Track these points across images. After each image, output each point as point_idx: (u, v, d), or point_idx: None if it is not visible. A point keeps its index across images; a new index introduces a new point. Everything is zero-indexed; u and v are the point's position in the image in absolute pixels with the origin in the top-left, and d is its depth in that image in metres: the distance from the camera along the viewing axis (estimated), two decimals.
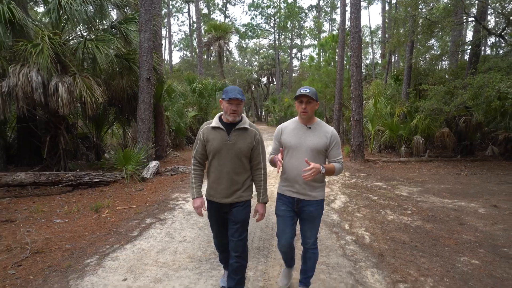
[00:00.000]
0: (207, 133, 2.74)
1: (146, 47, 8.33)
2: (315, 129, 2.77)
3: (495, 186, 8.27)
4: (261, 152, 2.83)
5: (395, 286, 3.19)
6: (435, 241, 4.50)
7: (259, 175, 2.83)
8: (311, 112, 2.74)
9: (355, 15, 10.99)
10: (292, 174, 2.75)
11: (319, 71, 22.01)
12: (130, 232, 4.60)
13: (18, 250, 3.98)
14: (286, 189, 2.81)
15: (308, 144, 2.72)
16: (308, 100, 2.69)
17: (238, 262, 2.74)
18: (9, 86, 7.29)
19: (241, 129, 2.72)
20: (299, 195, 2.75)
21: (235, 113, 2.65)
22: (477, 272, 3.55)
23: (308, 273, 2.93)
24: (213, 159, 2.74)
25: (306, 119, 2.78)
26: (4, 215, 5.68)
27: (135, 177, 7.77)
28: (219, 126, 2.70)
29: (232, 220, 2.75)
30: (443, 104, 10.95)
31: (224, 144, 2.67)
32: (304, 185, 2.73)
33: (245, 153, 2.74)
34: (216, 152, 2.69)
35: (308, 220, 2.80)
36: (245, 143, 2.72)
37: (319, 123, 2.83)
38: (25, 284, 3.19)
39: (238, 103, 2.64)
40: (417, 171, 10.43)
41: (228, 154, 2.68)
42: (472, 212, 6.03)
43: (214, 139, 2.69)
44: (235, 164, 2.71)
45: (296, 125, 2.82)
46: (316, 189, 2.78)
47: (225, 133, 2.69)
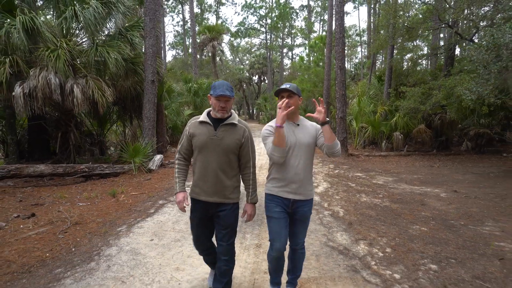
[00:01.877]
0: (194, 127, 2.66)
1: (151, 52, 9.28)
2: (303, 125, 2.73)
3: (461, 176, 9.36)
4: (251, 150, 2.73)
5: (357, 242, 4.24)
6: (397, 216, 5.54)
7: (248, 174, 2.76)
8: (295, 106, 2.64)
9: (339, 22, 12.05)
10: (289, 174, 2.64)
11: (309, 71, 23.10)
12: (147, 210, 5.58)
13: (60, 223, 4.93)
14: (281, 190, 2.69)
15: (303, 141, 2.66)
16: (289, 95, 2.61)
17: (226, 266, 2.73)
18: (30, 88, 8.17)
19: (229, 124, 2.63)
20: (296, 195, 2.67)
21: (223, 110, 2.58)
22: (423, 235, 4.60)
23: (297, 273, 2.91)
24: (199, 154, 2.65)
25: (292, 115, 2.67)
26: (33, 200, 6.59)
27: (142, 168, 8.72)
28: (207, 120, 2.62)
29: (221, 224, 2.69)
30: (419, 103, 12.07)
31: (210, 139, 2.59)
32: (299, 183, 2.66)
33: (233, 150, 2.64)
34: (202, 147, 2.61)
35: (301, 220, 2.74)
36: (233, 139, 2.63)
37: (302, 119, 2.80)
38: (75, 243, 4.15)
39: (227, 100, 2.56)
40: (395, 164, 11.53)
41: (215, 150, 2.60)
42: (434, 196, 7.10)
43: (201, 134, 2.61)
44: (222, 161, 2.62)
45: (286, 123, 2.69)
46: (309, 187, 2.74)
47: (212, 128, 2.60)
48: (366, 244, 4.19)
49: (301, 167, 2.65)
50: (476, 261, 3.75)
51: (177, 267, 3.48)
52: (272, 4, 42.88)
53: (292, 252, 2.87)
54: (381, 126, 13.99)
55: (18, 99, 8.03)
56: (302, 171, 2.66)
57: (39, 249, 3.94)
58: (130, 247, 3.96)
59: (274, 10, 42.18)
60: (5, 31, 8.00)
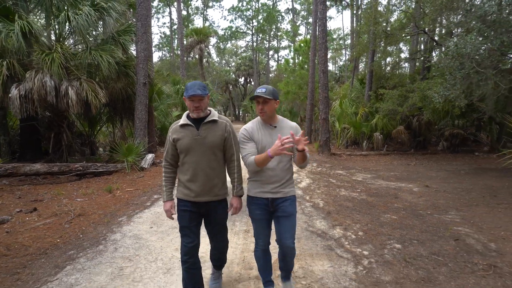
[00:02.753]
0: (176, 132, 2.69)
1: (143, 56, 9.72)
2: (280, 127, 2.75)
3: (434, 173, 10.07)
4: (234, 143, 2.78)
5: (333, 227, 4.82)
6: (372, 207, 6.14)
7: (233, 167, 2.80)
8: (270, 111, 2.69)
9: (322, 28, 12.69)
10: (265, 175, 2.70)
11: (294, 73, 23.76)
12: (144, 203, 6.05)
13: (64, 215, 5.36)
14: (259, 191, 2.74)
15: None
16: (264, 100, 2.64)
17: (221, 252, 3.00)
18: (26, 90, 8.50)
19: (210, 122, 2.68)
20: (274, 195, 2.71)
21: (198, 109, 2.60)
22: (392, 222, 5.20)
23: (288, 267, 2.91)
24: (186, 156, 2.67)
25: (268, 118, 2.74)
26: (31, 197, 6.94)
27: (135, 167, 9.14)
28: (187, 123, 2.66)
29: (213, 222, 2.79)
30: (397, 105, 12.80)
31: (194, 140, 2.63)
32: (277, 183, 2.71)
33: (218, 146, 2.70)
34: (188, 149, 2.64)
35: (284, 217, 2.72)
36: (216, 135, 2.68)
37: (282, 120, 2.83)
38: (81, 231, 4.60)
39: (200, 99, 2.58)
40: (374, 162, 12.21)
41: (201, 149, 2.64)
42: (407, 190, 7.74)
43: (184, 137, 2.64)
44: (210, 159, 2.66)
45: (262, 125, 2.77)
46: (288, 186, 2.77)
47: (194, 129, 2.64)
48: (341, 229, 4.76)
49: (279, 169, 2.69)
50: (435, 241, 4.35)
51: (176, 248, 3.97)
52: (259, 7, 43.60)
53: (281, 252, 2.82)
54: (362, 127, 14.70)
55: (15, 101, 8.35)
56: (279, 172, 2.70)
57: (49, 236, 4.37)
58: (133, 233, 4.44)
59: (261, 12, 42.91)
60: (4, 36, 8.31)
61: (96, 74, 10.49)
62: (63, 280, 3.19)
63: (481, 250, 4.08)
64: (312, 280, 3.27)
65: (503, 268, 3.59)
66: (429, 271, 3.52)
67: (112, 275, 3.29)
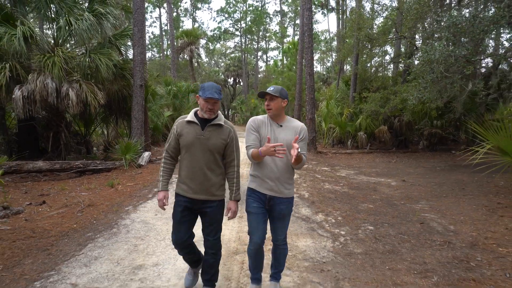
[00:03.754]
0: (181, 127, 2.75)
1: (139, 59, 10.26)
2: (286, 127, 2.81)
3: (412, 169, 10.85)
4: (235, 149, 2.85)
5: (316, 213, 5.50)
6: (352, 198, 6.84)
7: (232, 172, 2.85)
8: (276, 109, 2.75)
9: (308, 33, 13.40)
10: (266, 171, 2.76)
11: (282, 75, 24.49)
12: (146, 195, 6.63)
13: (74, 206, 5.91)
14: (258, 185, 2.80)
15: (280, 141, 2.72)
16: (271, 97, 2.73)
17: (213, 258, 2.88)
18: (28, 91, 8.97)
19: (215, 125, 2.74)
20: (271, 192, 2.76)
21: (211, 112, 2.68)
22: (368, 210, 5.89)
23: (279, 267, 2.99)
24: (186, 153, 2.74)
25: (275, 116, 2.81)
26: (37, 192, 7.44)
27: (133, 164, 9.67)
28: (194, 120, 2.72)
29: (207, 221, 2.81)
30: (379, 107, 13.60)
31: (197, 139, 2.68)
32: (276, 181, 2.75)
33: (219, 149, 2.75)
34: (189, 146, 2.70)
35: (278, 218, 2.83)
36: (219, 139, 2.73)
37: (289, 120, 2.89)
38: (94, 218, 5.17)
39: (215, 102, 2.66)
40: (358, 160, 12.98)
41: (201, 149, 2.69)
42: (386, 184, 8.47)
43: (188, 133, 2.70)
44: (209, 160, 2.72)
45: (269, 122, 2.83)
46: (287, 186, 2.81)
47: (199, 128, 2.70)
48: (323, 215, 5.44)
49: (279, 166, 2.74)
50: (403, 224, 5.06)
51: None
52: (246, 8, 44.22)
53: (274, 247, 2.96)
54: (347, 126, 15.48)
55: (18, 101, 8.81)
56: (279, 170, 2.75)
57: (66, 222, 4.94)
58: (140, 219, 5.04)
59: (249, 14, 43.56)
60: (6, 40, 8.77)
61: (92, 76, 10.98)
62: (88, 254, 3.77)
63: (441, 231, 4.79)
64: (296, 252, 3.93)
65: (456, 243, 4.30)
66: (394, 246, 4.21)
67: (128, 250, 3.89)
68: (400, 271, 3.52)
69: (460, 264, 3.71)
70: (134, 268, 3.44)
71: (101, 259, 3.65)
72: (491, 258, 3.85)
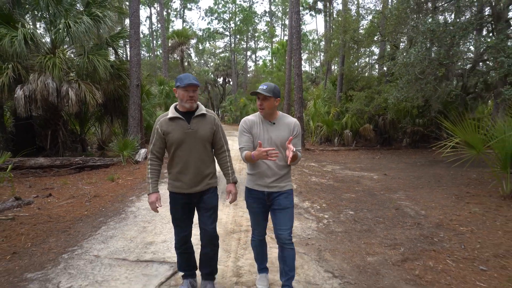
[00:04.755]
0: (165, 125, 2.70)
1: (135, 60, 10.75)
2: (278, 124, 2.81)
3: (394, 165, 11.54)
4: (222, 135, 2.88)
5: (303, 201, 6.12)
6: (336, 189, 7.46)
7: (224, 157, 2.87)
8: (268, 108, 2.74)
9: (297, 35, 14.03)
10: (261, 169, 2.77)
11: (272, 75, 25.11)
12: (146, 187, 7.14)
13: (81, 196, 6.40)
14: (256, 184, 2.81)
15: (274, 139, 2.74)
16: (263, 97, 2.70)
17: (213, 250, 2.88)
18: (29, 91, 9.38)
19: (200, 115, 2.73)
20: (269, 189, 2.77)
21: (192, 100, 2.64)
22: (350, 198, 6.52)
23: (290, 273, 2.84)
24: (177, 150, 2.70)
25: (267, 114, 2.79)
26: (41, 186, 7.87)
27: (130, 160, 10.16)
28: (177, 116, 2.69)
29: (204, 207, 2.80)
30: (364, 106, 14.31)
31: (186, 133, 2.67)
32: (273, 177, 2.77)
33: (208, 139, 2.77)
34: (180, 142, 2.68)
35: (280, 209, 2.79)
36: (206, 128, 2.74)
37: (281, 116, 2.87)
38: (102, 206, 5.68)
39: (194, 89, 2.63)
40: (344, 156, 13.65)
41: (192, 143, 2.69)
42: (368, 177, 9.12)
43: (175, 130, 2.66)
44: (200, 151, 2.73)
45: (261, 120, 2.83)
46: (284, 180, 2.82)
47: (185, 122, 2.68)
48: (309, 202, 6.06)
49: (274, 164, 2.75)
50: (380, 210, 5.70)
51: None
52: (235, 9, 44.73)
53: (280, 250, 2.84)
54: (334, 125, 16.18)
55: (20, 100, 9.21)
56: (275, 166, 2.76)
57: (77, 210, 5.45)
58: (145, 207, 5.57)
59: (238, 14, 44.07)
60: (7, 41, 9.16)
61: (89, 76, 11.39)
62: (103, 234, 4.31)
63: (413, 215, 5.44)
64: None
65: (424, 224, 4.94)
66: (370, 226, 4.84)
67: (138, 231, 4.44)
68: (373, 244, 4.14)
69: (425, 239, 4.35)
70: (146, 244, 3.99)
71: (116, 237, 4.19)
72: (451, 235, 4.49)
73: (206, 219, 2.80)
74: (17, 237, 4.17)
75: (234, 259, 3.67)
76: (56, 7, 10.47)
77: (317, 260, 3.66)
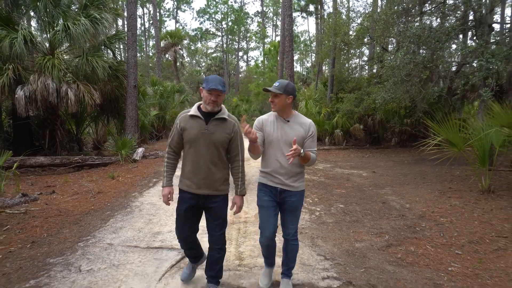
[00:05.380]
0: (185, 121, 2.73)
1: (133, 62, 11.06)
2: (293, 122, 2.83)
3: (383, 163, 12.02)
4: (240, 144, 2.83)
5: None
6: (327, 185, 7.88)
7: (237, 167, 2.84)
8: (280, 105, 2.78)
9: (289, 38, 14.46)
10: (275, 166, 2.80)
11: (264, 75, 25.53)
12: (147, 184, 7.49)
13: (84, 193, 6.71)
14: (269, 180, 2.85)
15: (288, 136, 2.77)
16: (274, 94, 2.76)
17: (219, 254, 2.88)
18: (30, 91, 9.62)
19: (219, 119, 2.72)
20: (284, 186, 2.80)
21: (214, 103, 2.65)
22: (341, 193, 6.94)
23: (290, 264, 3.01)
24: (190, 147, 2.72)
25: (281, 112, 2.83)
26: (42, 184, 8.12)
27: (128, 159, 10.45)
28: (198, 114, 2.71)
29: (212, 216, 2.80)
30: (354, 106, 14.79)
31: (201, 133, 2.67)
32: (286, 175, 2.80)
33: (223, 144, 2.74)
34: (193, 140, 2.69)
35: (289, 210, 2.87)
36: (223, 133, 2.72)
37: (296, 115, 2.91)
38: (106, 202, 6.01)
39: (218, 94, 2.64)
40: (335, 155, 14.11)
41: (206, 144, 2.68)
42: (358, 175, 9.56)
43: (192, 128, 2.69)
44: (213, 154, 2.71)
45: (275, 118, 2.87)
46: (297, 180, 2.86)
47: (203, 122, 2.68)
48: None
49: (287, 162, 2.73)
50: (368, 204, 6.12)
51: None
52: (227, 10, 45.11)
53: (285, 243, 3.00)
54: (325, 124, 16.64)
55: (20, 100, 9.45)
56: (288, 165, 2.78)
57: (84, 205, 5.76)
58: (148, 202, 5.92)
59: (230, 15, 44.46)
60: (8, 42, 9.39)
61: (86, 76, 11.65)
62: (113, 225, 4.65)
63: (398, 208, 5.87)
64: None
65: (408, 216, 5.38)
66: (359, 217, 5.26)
67: (145, 222, 4.79)
68: (361, 233, 4.56)
69: (408, 229, 4.77)
70: (154, 234, 4.35)
71: (125, 228, 4.53)
72: (432, 225, 4.93)
73: (214, 226, 2.82)
74: (33, 229, 4.49)
75: (236, 246, 4.05)
76: (54, 9, 10.72)
77: (310, 246, 4.06)
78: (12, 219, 4.86)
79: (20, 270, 3.31)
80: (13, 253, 3.72)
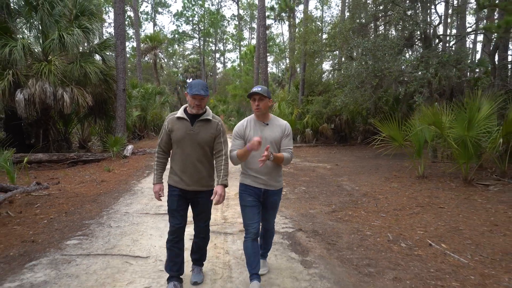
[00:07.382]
0: (172, 123, 2.93)
1: (122, 67, 12.22)
2: (271, 125, 3.03)
3: (346, 158, 13.64)
4: (223, 141, 3.01)
5: None
6: (295, 175, 9.36)
7: (220, 160, 2.99)
8: (264, 108, 2.95)
9: (263, 46, 15.94)
10: (255, 168, 2.95)
11: (240, 78, 26.96)
12: (142, 174, 8.75)
13: (89, 182, 7.90)
14: (252, 181, 2.99)
15: (268, 139, 2.95)
16: (260, 98, 2.91)
17: (203, 241, 3.20)
18: (29, 94, 10.63)
19: (204, 120, 2.91)
20: (266, 186, 2.98)
21: (198, 107, 2.84)
22: (305, 180, 8.43)
23: (267, 247, 3.39)
24: (178, 147, 2.92)
25: (261, 115, 3.01)
26: (45, 177, 9.15)
27: (119, 155, 11.61)
28: (184, 116, 2.89)
29: (199, 209, 3.05)
30: (322, 107, 16.43)
31: (187, 134, 2.86)
32: (268, 175, 2.97)
33: (208, 143, 2.93)
34: (180, 141, 2.88)
35: (270, 207, 3.13)
36: (208, 133, 2.91)
37: (273, 118, 3.11)
38: (112, 187, 7.25)
39: (202, 98, 2.81)
40: (305, 152, 15.67)
41: (191, 143, 2.87)
42: (322, 167, 11.11)
43: (179, 129, 2.87)
44: (199, 153, 2.91)
45: (254, 122, 3.04)
46: (277, 179, 3.09)
47: (189, 123, 2.87)
48: None
49: (269, 163, 2.93)
50: (326, 187, 7.64)
51: None
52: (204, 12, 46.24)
53: (264, 232, 3.29)
54: (297, 124, 18.24)
55: (20, 103, 10.45)
56: (269, 165, 2.97)
57: (93, 190, 6.99)
58: (147, 187, 7.21)
59: (206, 18, 45.64)
60: (8, 50, 10.37)
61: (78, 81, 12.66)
62: (123, 202, 5.95)
63: (349, 189, 7.41)
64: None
65: (354, 194, 6.91)
66: (315, 195, 6.76)
67: (148, 200, 6.12)
68: (315, 204, 6.05)
69: (352, 202, 6.30)
70: (158, 206, 5.68)
71: (134, 203, 5.84)
72: (371, 200, 6.47)
73: (200, 218, 3.10)
74: (60, 205, 5.72)
75: (221, 212, 5.46)
76: (48, 18, 11.73)
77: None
78: (40, 200, 6.06)
79: (67, 227, 4.59)
80: (55, 219, 4.98)
